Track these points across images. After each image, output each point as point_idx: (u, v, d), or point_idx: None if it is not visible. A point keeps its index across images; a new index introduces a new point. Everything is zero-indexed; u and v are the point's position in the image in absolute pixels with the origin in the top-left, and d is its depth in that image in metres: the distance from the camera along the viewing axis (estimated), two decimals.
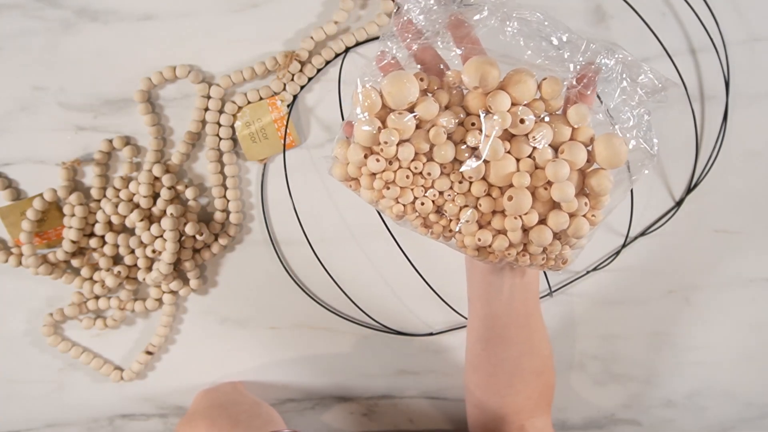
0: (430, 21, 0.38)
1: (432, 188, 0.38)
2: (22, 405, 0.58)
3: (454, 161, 0.37)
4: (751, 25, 0.55)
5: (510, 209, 0.37)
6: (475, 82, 0.35)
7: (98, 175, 0.54)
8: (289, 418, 0.60)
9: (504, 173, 0.36)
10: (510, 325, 0.46)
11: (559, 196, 0.36)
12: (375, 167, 0.37)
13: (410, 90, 0.36)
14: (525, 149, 0.36)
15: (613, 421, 0.62)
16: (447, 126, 0.36)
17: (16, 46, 0.52)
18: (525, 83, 0.36)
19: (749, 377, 0.61)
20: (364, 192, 0.39)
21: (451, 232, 0.39)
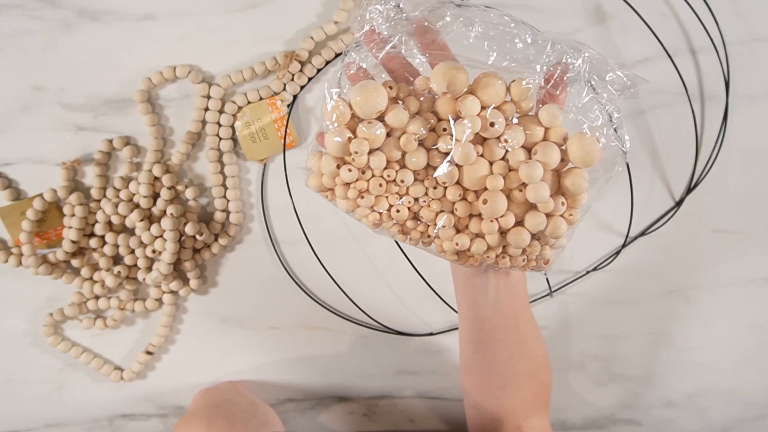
0: (395, 29, 0.38)
1: (407, 195, 0.38)
2: (22, 405, 0.58)
3: (428, 167, 0.37)
4: (751, 25, 0.55)
5: (486, 212, 0.37)
6: (443, 87, 0.36)
7: (98, 175, 0.54)
8: (289, 418, 0.60)
9: (477, 177, 0.36)
10: (498, 327, 0.46)
11: (534, 197, 0.36)
12: (348, 177, 0.37)
13: (378, 99, 0.36)
14: (497, 152, 0.36)
15: (613, 421, 0.62)
16: (417, 133, 0.36)
17: (16, 46, 0.52)
18: (493, 86, 0.36)
19: (749, 377, 0.61)
20: (340, 202, 0.39)
21: (429, 237, 0.39)
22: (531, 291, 0.58)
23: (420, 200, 0.38)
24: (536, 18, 0.54)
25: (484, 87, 0.36)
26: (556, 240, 0.39)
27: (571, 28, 0.54)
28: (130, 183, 0.54)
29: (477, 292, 0.45)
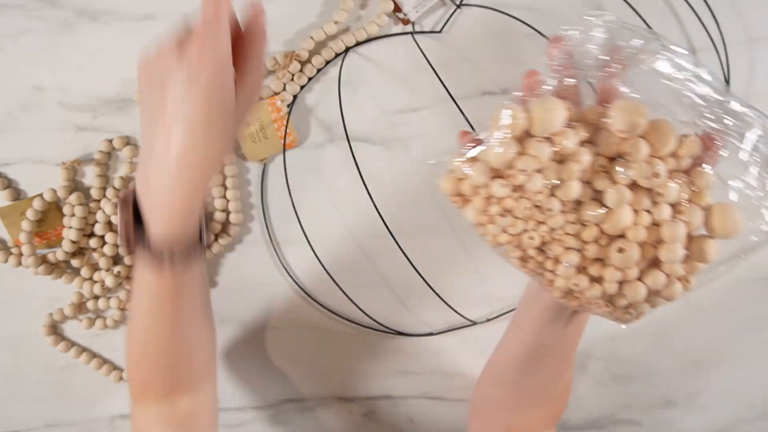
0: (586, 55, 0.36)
1: (544, 224, 0.36)
2: (22, 405, 0.58)
3: (574, 201, 0.36)
4: (751, 25, 0.55)
5: (617, 261, 0.35)
6: (621, 126, 0.34)
7: (98, 175, 0.54)
8: (289, 418, 0.60)
9: (620, 224, 0.35)
10: (552, 355, 0.46)
11: (668, 257, 0.35)
12: (498, 192, 0.35)
13: (558, 118, 0.34)
14: (645, 202, 0.35)
15: (613, 421, 0.62)
16: (582, 163, 0.34)
17: (16, 46, 0.52)
18: (667, 137, 0.34)
19: (749, 377, 0.61)
20: (472, 212, 0.37)
21: (543, 269, 0.38)
22: None
23: (554, 232, 0.36)
24: (536, 18, 0.54)
25: (658, 135, 0.34)
26: (665, 302, 0.38)
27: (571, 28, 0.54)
28: (130, 183, 0.54)
29: (548, 323, 0.44)
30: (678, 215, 0.35)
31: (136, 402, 0.45)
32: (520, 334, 0.46)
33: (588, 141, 0.35)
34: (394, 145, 0.55)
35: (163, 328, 0.41)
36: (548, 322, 0.43)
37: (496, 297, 0.58)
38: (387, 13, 0.53)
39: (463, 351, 0.59)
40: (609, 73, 0.36)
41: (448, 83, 0.54)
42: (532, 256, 0.37)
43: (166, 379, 0.43)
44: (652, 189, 0.35)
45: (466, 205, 0.37)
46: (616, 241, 0.36)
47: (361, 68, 0.54)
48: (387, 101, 0.55)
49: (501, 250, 0.38)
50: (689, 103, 0.35)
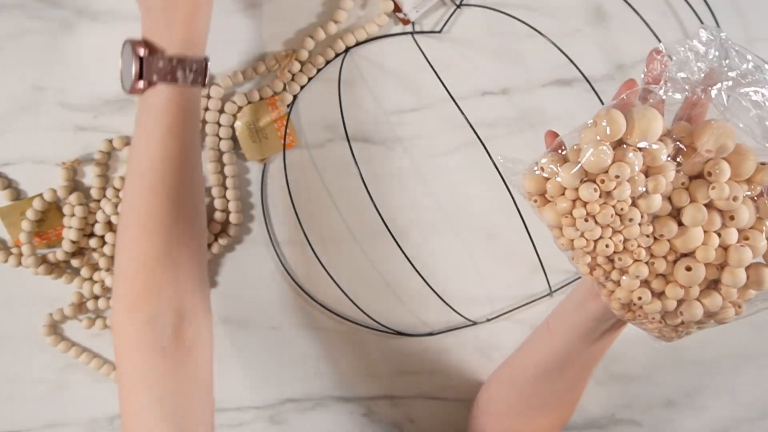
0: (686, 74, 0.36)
1: (620, 233, 0.36)
2: (22, 405, 0.58)
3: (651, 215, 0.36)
4: (751, 25, 0.55)
5: (682, 279, 0.36)
6: (711, 146, 0.34)
7: (98, 175, 0.54)
8: (289, 418, 0.60)
9: (693, 242, 0.35)
10: (576, 364, 0.46)
11: (731, 281, 0.35)
12: (588, 196, 0.35)
13: (658, 129, 0.34)
14: (717, 223, 0.35)
15: (613, 421, 0.62)
16: (668, 177, 0.35)
17: (16, 46, 0.52)
18: (748, 163, 0.34)
19: (749, 377, 0.61)
20: (551, 213, 0.37)
21: (607, 278, 0.38)
22: (531, 291, 0.58)
23: (628, 243, 0.36)
24: (536, 18, 0.54)
25: (740, 160, 0.34)
26: (717, 324, 0.38)
27: (571, 28, 0.54)
28: None
29: (585, 333, 0.44)
30: (744, 241, 0.36)
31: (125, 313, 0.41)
32: (552, 341, 0.46)
33: (672, 156, 0.36)
34: (394, 145, 0.55)
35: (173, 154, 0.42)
36: (585, 332, 0.43)
37: (496, 297, 0.58)
38: (387, 13, 0.53)
39: (463, 351, 0.59)
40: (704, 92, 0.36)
41: (448, 83, 0.54)
42: (600, 264, 0.37)
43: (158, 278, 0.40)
44: (725, 212, 0.35)
45: (545, 205, 0.37)
46: (683, 259, 0.36)
47: (361, 68, 0.54)
48: (387, 101, 0.55)
49: (572, 254, 0.38)
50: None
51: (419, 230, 0.56)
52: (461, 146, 0.56)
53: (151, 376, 0.39)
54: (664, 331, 0.39)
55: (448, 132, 0.55)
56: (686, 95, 0.36)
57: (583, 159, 0.34)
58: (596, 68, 0.55)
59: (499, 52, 0.55)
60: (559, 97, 0.56)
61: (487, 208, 0.57)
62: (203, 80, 0.43)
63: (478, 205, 0.57)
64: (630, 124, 0.34)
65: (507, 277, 0.58)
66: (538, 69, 0.55)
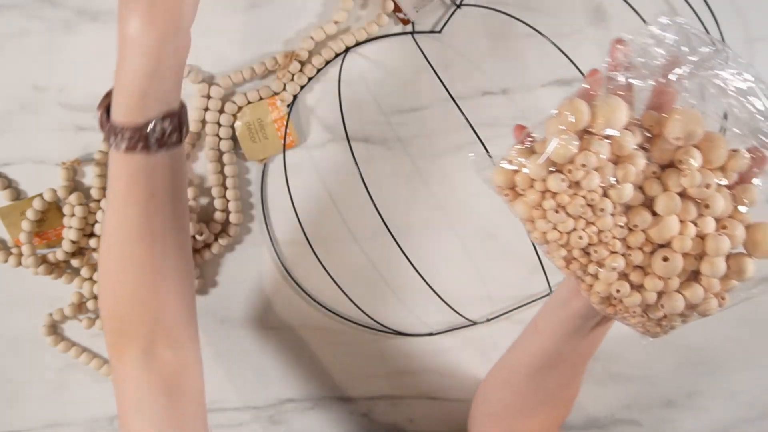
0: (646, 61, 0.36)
1: (593, 225, 0.35)
2: (22, 405, 0.58)
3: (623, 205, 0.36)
4: (751, 25, 0.55)
5: (660, 270, 0.35)
6: (678, 134, 0.34)
7: (98, 175, 0.54)
8: (289, 418, 0.60)
9: (668, 232, 0.35)
10: (567, 363, 0.46)
11: (710, 271, 0.35)
12: (555, 186, 0.34)
13: (623, 117, 0.34)
14: (692, 213, 0.35)
15: (613, 421, 0.62)
16: (638, 165, 0.34)
17: (16, 46, 0.52)
18: (718, 149, 0.34)
19: (749, 377, 0.61)
20: (522, 206, 0.36)
21: (584, 272, 0.37)
22: (531, 291, 0.58)
23: (602, 234, 0.36)
24: (536, 18, 0.54)
25: (711, 147, 0.34)
26: (698, 317, 0.38)
27: (571, 28, 0.54)
28: None
29: (572, 331, 0.43)
30: (722, 230, 0.35)
31: (116, 360, 0.43)
32: (540, 339, 0.46)
33: (641, 146, 0.35)
34: (394, 145, 0.55)
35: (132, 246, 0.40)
36: (572, 330, 0.43)
37: (496, 297, 0.58)
38: (387, 13, 0.53)
39: (463, 351, 0.59)
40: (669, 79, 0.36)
41: (448, 83, 0.54)
42: (576, 258, 0.37)
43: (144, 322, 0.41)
44: (700, 200, 0.35)
45: (516, 198, 0.37)
46: (660, 250, 0.35)
47: (361, 68, 0.54)
48: (387, 101, 0.55)
49: (547, 247, 0.38)
50: (745, 117, 0.35)
51: (419, 230, 0.56)
52: (461, 146, 0.56)
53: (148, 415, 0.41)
54: (647, 326, 0.39)
55: (448, 132, 0.55)
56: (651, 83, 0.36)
57: (549, 149, 0.34)
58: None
59: (499, 52, 0.55)
60: (559, 97, 0.55)
61: (487, 208, 0.57)
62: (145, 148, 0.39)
63: (478, 205, 0.57)
64: (593, 112, 0.34)
65: (507, 277, 0.58)
66: (538, 69, 0.55)
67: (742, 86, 0.35)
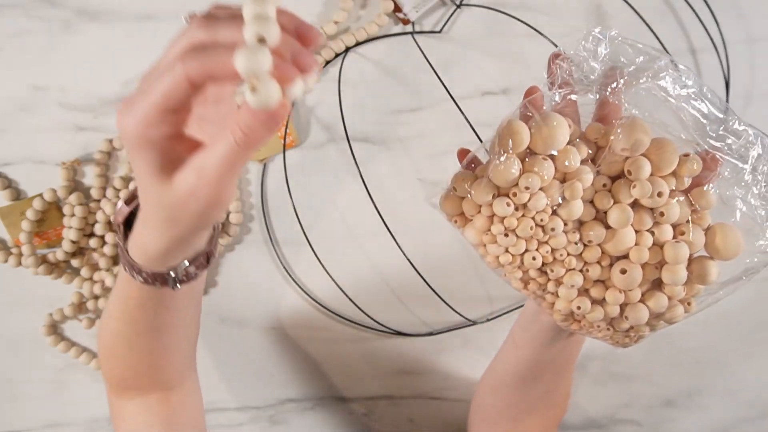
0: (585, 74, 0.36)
1: (546, 244, 0.35)
2: (22, 405, 0.58)
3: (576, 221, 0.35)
4: (751, 25, 0.55)
5: (620, 282, 0.35)
6: (625, 145, 0.33)
7: (98, 175, 0.54)
8: (289, 418, 0.60)
9: (624, 244, 0.34)
10: (549, 370, 0.46)
11: (671, 279, 0.34)
12: (502, 211, 0.34)
13: (564, 135, 0.33)
14: (647, 222, 0.34)
15: (613, 421, 0.62)
16: (584, 182, 0.34)
17: (16, 46, 0.52)
18: (669, 156, 0.34)
19: (749, 377, 0.61)
20: (472, 232, 0.36)
21: (544, 291, 0.37)
22: None
23: (556, 253, 0.35)
24: (536, 18, 0.54)
25: (660, 154, 0.34)
26: (666, 325, 0.37)
27: (571, 28, 0.54)
28: (130, 183, 0.54)
29: (547, 342, 0.43)
30: (680, 236, 0.35)
31: (115, 398, 0.44)
32: (518, 351, 0.46)
33: (589, 159, 0.35)
34: (394, 145, 0.55)
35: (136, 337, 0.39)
36: (547, 341, 0.43)
37: (496, 297, 0.58)
38: (387, 13, 0.53)
39: (463, 351, 0.59)
40: (610, 91, 0.35)
41: (448, 83, 0.54)
42: (533, 278, 0.37)
43: (144, 379, 0.42)
44: (654, 209, 0.34)
45: (466, 224, 0.36)
46: (618, 263, 0.35)
47: (361, 68, 0.54)
48: (387, 101, 0.55)
49: (502, 271, 0.37)
50: (690, 122, 0.35)
51: (419, 230, 0.56)
52: (461, 146, 0.56)
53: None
54: (615, 338, 0.38)
55: (448, 132, 0.55)
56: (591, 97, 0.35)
57: (490, 173, 0.34)
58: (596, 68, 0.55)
59: (499, 52, 0.55)
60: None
61: None
62: (164, 284, 0.36)
63: None
64: (534, 132, 0.33)
65: None
66: (538, 69, 0.55)
67: (683, 92, 0.35)
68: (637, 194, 0.34)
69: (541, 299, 0.38)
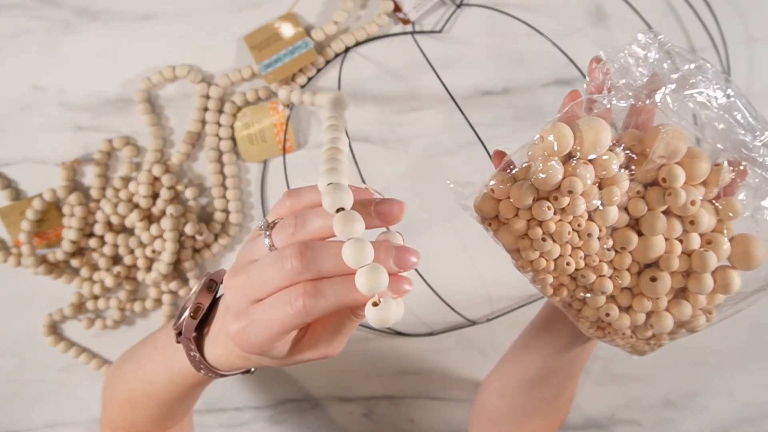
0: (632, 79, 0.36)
1: (579, 250, 0.35)
2: (22, 405, 0.58)
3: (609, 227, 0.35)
4: (751, 25, 0.55)
5: (648, 290, 0.35)
6: (663, 152, 0.33)
7: (98, 175, 0.54)
8: (289, 418, 0.60)
9: (654, 252, 0.34)
10: (559, 375, 0.46)
11: (698, 288, 0.34)
12: (542, 215, 0.33)
13: (607, 140, 0.33)
14: (678, 230, 0.34)
15: (613, 421, 0.62)
16: (622, 188, 0.33)
17: (16, 46, 0.52)
18: (701, 165, 0.33)
19: (749, 377, 0.61)
20: (507, 236, 0.35)
21: (572, 298, 0.37)
22: (531, 291, 0.58)
23: (589, 259, 0.35)
24: (536, 18, 0.54)
25: (693, 163, 0.33)
26: (688, 334, 0.37)
27: (571, 28, 0.54)
28: (130, 183, 0.54)
29: (562, 349, 0.43)
30: (707, 245, 0.34)
31: None
32: (531, 356, 0.46)
33: (623, 166, 0.35)
34: (394, 145, 0.55)
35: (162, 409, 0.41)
36: (562, 348, 0.43)
37: (496, 297, 0.58)
38: (387, 13, 0.53)
39: (463, 351, 0.59)
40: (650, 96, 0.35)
41: (448, 83, 0.53)
42: (564, 284, 0.36)
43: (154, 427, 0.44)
44: (684, 217, 0.34)
45: (501, 228, 0.36)
46: (647, 270, 0.35)
47: (361, 68, 0.54)
48: (387, 101, 0.55)
49: (533, 276, 0.37)
50: (725, 131, 0.35)
51: (419, 230, 0.56)
52: (461, 146, 0.56)
53: None
54: (636, 346, 0.38)
55: (448, 132, 0.55)
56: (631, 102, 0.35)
57: (533, 177, 0.33)
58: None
59: (499, 52, 0.55)
60: (559, 97, 0.55)
61: None
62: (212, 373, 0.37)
63: None
64: (577, 136, 0.33)
65: (507, 277, 0.58)
66: (538, 69, 0.55)
67: (723, 101, 0.35)
68: (672, 202, 0.33)
69: (568, 306, 0.37)
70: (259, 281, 0.29)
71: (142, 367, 0.41)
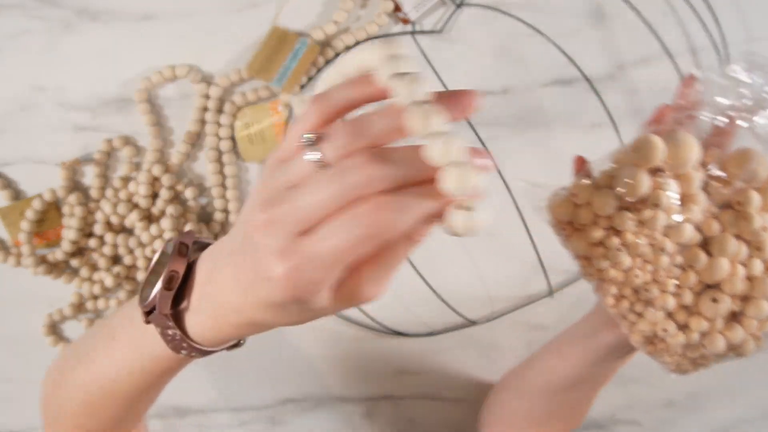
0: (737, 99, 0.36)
1: (649, 263, 0.35)
2: (22, 405, 0.58)
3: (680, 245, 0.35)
4: (751, 25, 0.55)
5: (708, 311, 0.35)
6: (745, 176, 0.33)
7: (98, 175, 0.54)
8: (289, 418, 0.60)
9: (720, 273, 0.34)
10: (588, 384, 0.46)
11: (755, 313, 0.34)
12: (623, 225, 0.33)
13: (696, 157, 0.33)
14: (743, 254, 0.34)
15: (613, 421, 0.62)
16: (701, 204, 0.34)
17: (16, 46, 0.52)
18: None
19: (749, 377, 0.61)
20: (581, 243, 0.35)
21: (630, 311, 0.37)
22: (531, 291, 0.58)
23: (656, 274, 0.35)
24: (536, 18, 0.54)
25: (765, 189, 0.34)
26: (735, 357, 0.37)
27: (571, 28, 0.54)
28: (130, 183, 0.54)
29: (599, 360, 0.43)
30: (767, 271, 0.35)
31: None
32: (562, 364, 0.45)
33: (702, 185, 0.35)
34: (394, 144, 0.55)
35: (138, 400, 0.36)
36: (598, 359, 0.43)
37: (496, 297, 0.58)
38: (387, 13, 0.53)
39: (463, 351, 0.59)
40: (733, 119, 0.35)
41: (448, 83, 0.53)
42: (626, 296, 0.36)
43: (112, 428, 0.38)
44: (751, 242, 0.34)
45: (575, 234, 0.35)
46: (708, 291, 0.35)
47: None
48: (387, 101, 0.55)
49: (598, 284, 0.37)
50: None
51: None
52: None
53: None
54: (681, 364, 0.38)
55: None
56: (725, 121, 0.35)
57: (621, 185, 0.33)
58: (596, 68, 0.55)
59: (499, 52, 0.55)
60: (559, 97, 0.56)
61: None
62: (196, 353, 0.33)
63: None
64: (671, 150, 0.33)
65: (507, 277, 0.58)
66: (538, 69, 0.55)
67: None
68: (745, 227, 0.34)
69: (624, 318, 0.37)
70: (312, 206, 0.23)
71: (97, 365, 0.35)
